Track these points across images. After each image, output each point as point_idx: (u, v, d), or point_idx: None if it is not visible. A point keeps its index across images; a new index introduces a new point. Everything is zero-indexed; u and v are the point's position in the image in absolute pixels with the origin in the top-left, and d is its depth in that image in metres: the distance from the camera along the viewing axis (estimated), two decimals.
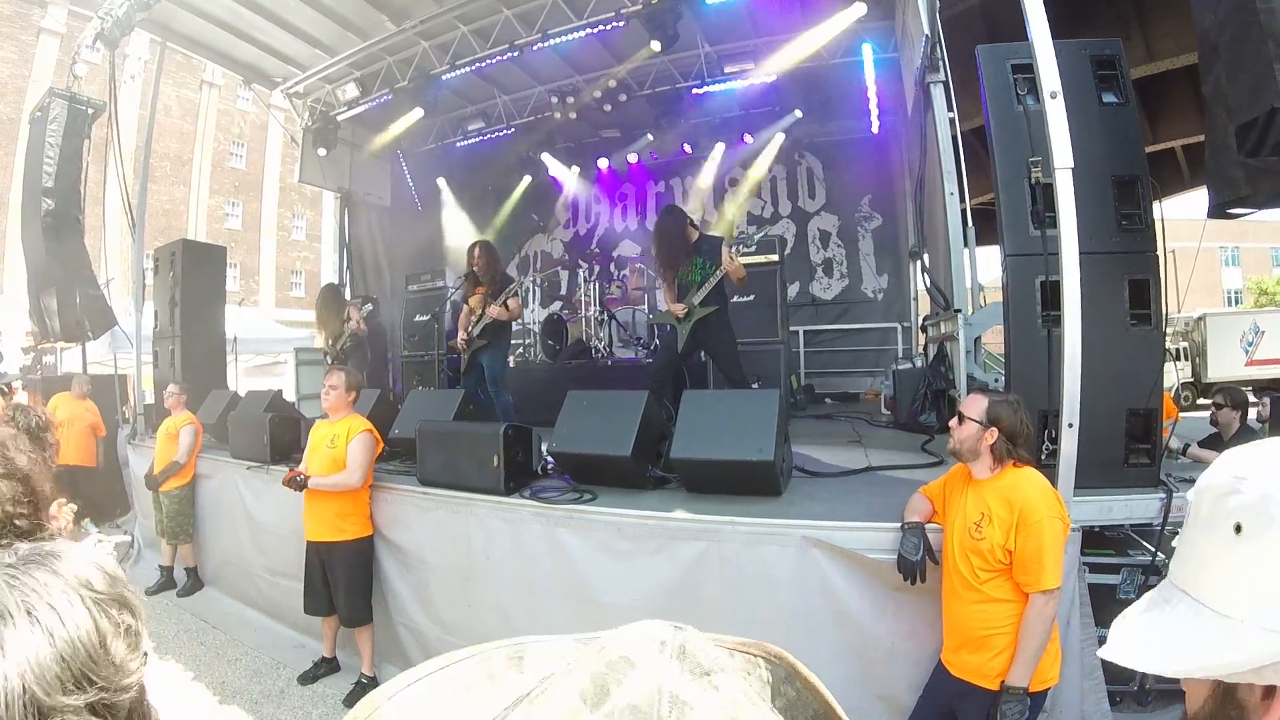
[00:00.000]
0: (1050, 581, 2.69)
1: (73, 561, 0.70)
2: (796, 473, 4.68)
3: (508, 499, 4.44)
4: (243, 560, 6.27)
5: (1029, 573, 2.71)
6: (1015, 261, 3.88)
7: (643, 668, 0.36)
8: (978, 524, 2.85)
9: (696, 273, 5.65)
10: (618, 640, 0.39)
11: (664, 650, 0.38)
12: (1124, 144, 3.85)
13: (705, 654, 0.39)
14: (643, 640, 0.39)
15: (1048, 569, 2.69)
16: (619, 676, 0.36)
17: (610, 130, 12.49)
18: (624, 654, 0.37)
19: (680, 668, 0.37)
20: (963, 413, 2.99)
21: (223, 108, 32.84)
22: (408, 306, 10.68)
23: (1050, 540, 2.71)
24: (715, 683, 0.37)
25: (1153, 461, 3.66)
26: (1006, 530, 2.76)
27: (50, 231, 8.57)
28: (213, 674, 5.15)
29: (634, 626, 0.41)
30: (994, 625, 2.81)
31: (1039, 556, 2.69)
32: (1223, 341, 22.48)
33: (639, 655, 0.37)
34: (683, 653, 0.38)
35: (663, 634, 0.39)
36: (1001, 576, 2.80)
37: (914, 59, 6.63)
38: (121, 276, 14.16)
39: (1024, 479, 2.89)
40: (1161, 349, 3.77)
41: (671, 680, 0.36)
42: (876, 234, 11.62)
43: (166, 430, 6.84)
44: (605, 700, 0.35)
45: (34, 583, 0.66)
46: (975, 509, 2.90)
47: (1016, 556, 2.74)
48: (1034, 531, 2.71)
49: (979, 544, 2.83)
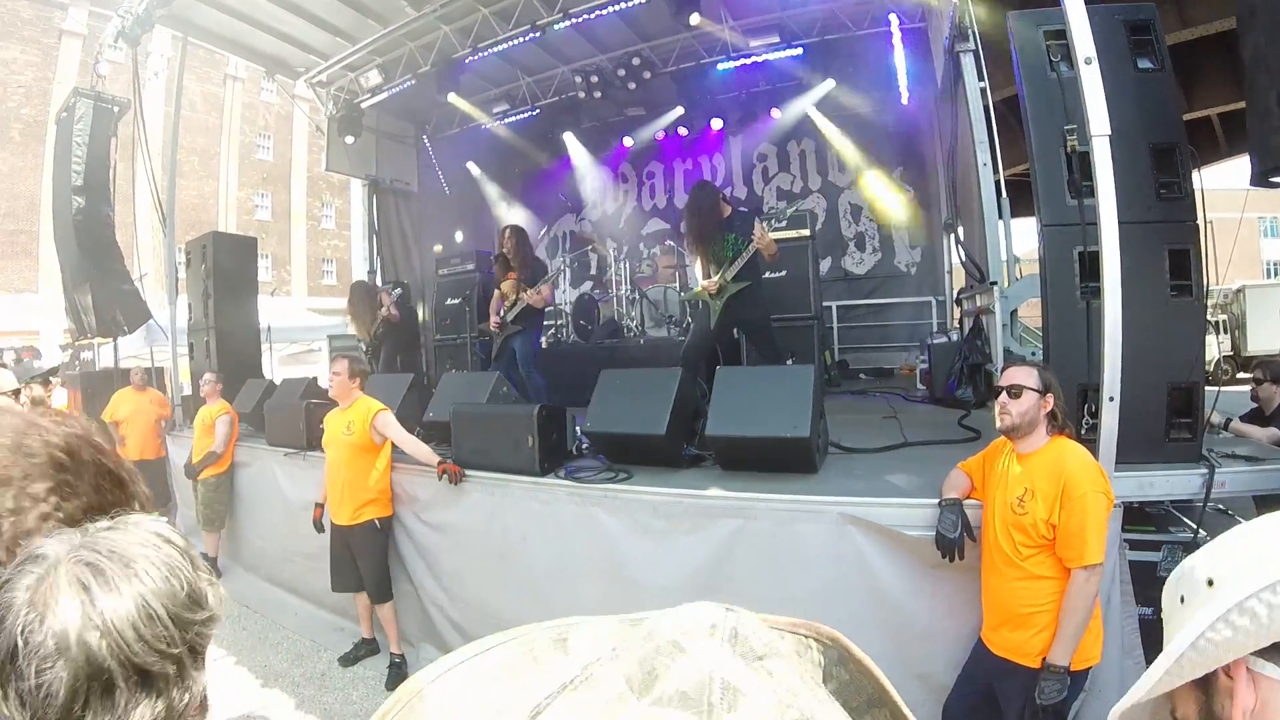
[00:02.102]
0: (1093, 557, 2.65)
1: (148, 523, 0.84)
2: (832, 449, 4.65)
3: (543, 479, 4.46)
4: (282, 546, 6.38)
5: (1071, 548, 2.68)
6: (1052, 232, 3.80)
7: (693, 653, 0.35)
8: (1020, 498, 2.81)
9: (729, 249, 5.60)
10: (667, 623, 0.38)
11: (715, 634, 0.37)
12: (1161, 111, 3.74)
13: (758, 637, 0.38)
14: (693, 624, 0.38)
15: (1090, 544, 2.65)
16: (667, 662, 0.35)
17: (635, 109, 12.42)
18: (673, 638, 0.36)
19: (732, 652, 0.36)
20: (1019, 384, 2.89)
21: (247, 100, 33.19)
22: (439, 290, 10.74)
23: (1094, 515, 2.66)
24: (770, 668, 0.36)
25: (1194, 436, 3.57)
26: (1050, 504, 2.72)
27: (82, 229, 8.71)
28: (255, 658, 5.26)
29: (684, 608, 0.40)
30: (1036, 602, 2.78)
31: (1082, 531, 2.65)
32: (1262, 314, 21.96)
33: (689, 640, 0.36)
34: (735, 637, 0.37)
35: (714, 617, 0.38)
36: (1044, 552, 2.76)
37: (942, 28, 6.52)
38: (154, 271, 14.36)
39: (1069, 452, 2.84)
40: (1203, 321, 3.67)
41: (723, 666, 0.34)
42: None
43: (202, 420, 6.96)
44: (653, 687, 0.34)
45: (136, 537, 0.80)
46: (1018, 483, 2.86)
47: (1060, 531, 2.70)
48: (1078, 506, 2.66)
49: (1021, 519, 2.79)
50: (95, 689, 0.70)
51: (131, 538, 0.80)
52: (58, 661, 0.68)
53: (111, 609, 0.72)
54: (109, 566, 0.75)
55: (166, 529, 0.84)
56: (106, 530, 0.80)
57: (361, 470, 4.94)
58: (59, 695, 0.68)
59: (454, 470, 4.72)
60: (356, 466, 4.93)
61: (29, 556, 0.75)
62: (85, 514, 1.00)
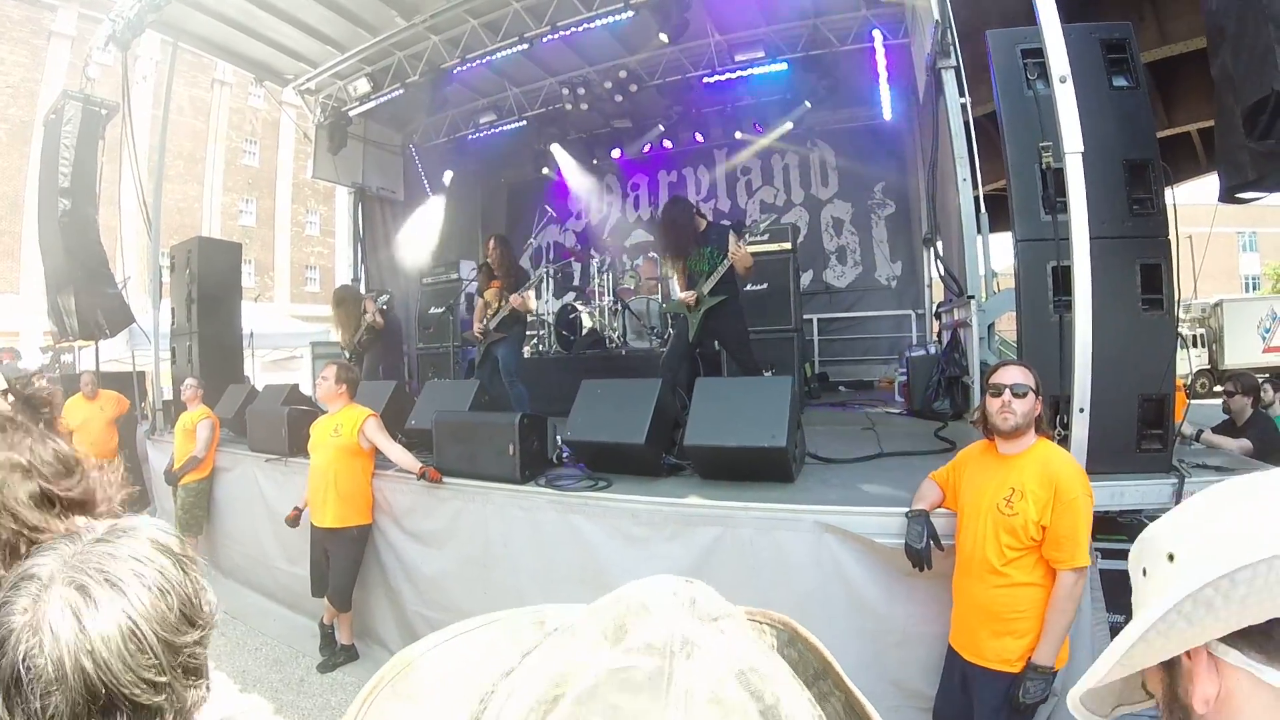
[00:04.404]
0: (1083, 559, 2.71)
1: (148, 530, 0.85)
2: (809, 459, 4.71)
3: (524, 487, 4.50)
4: (262, 552, 6.35)
5: (1063, 550, 2.72)
6: (1026, 247, 3.87)
7: (657, 613, 0.40)
8: (1008, 499, 2.82)
9: (705, 262, 5.68)
10: (634, 590, 0.43)
11: (676, 599, 0.42)
12: (1135, 128, 3.82)
13: (713, 604, 0.43)
14: (658, 591, 0.43)
15: (1081, 546, 2.70)
16: (636, 619, 0.40)
17: (622, 121, 12.48)
18: (641, 601, 0.41)
19: (691, 614, 0.41)
20: (1023, 384, 2.89)
21: (235, 105, 33.06)
22: (422, 299, 10.74)
23: (1084, 518, 2.72)
24: (722, 627, 0.41)
25: (1165, 447, 3.64)
26: (1042, 506, 2.74)
27: (67, 231, 8.64)
28: (233, 663, 5.23)
29: (650, 579, 0.44)
30: (1017, 608, 2.80)
31: (1074, 534, 2.70)
32: (1239, 328, 22.36)
33: (654, 602, 0.41)
34: (693, 602, 0.42)
35: (676, 586, 0.43)
36: (1029, 555, 2.79)
37: (924, 44, 6.60)
38: (138, 275, 14.27)
39: (1056, 454, 2.88)
40: (1174, 334, 3.75)
41: (683, 624, 0.39)
42: (890, 221, 11.55)
43: (183, 425, 6.93)
44: (624, 639, 0.39)
45: (129, 550, 0.81)
46: (1004, 484, 2.86)
47: (1050, 533, 2.73)
48: (1070, 508, 2.71)
49: (1012, 519, 2.79)
50: (94, 710, 0.72)
51: (124, 550, 0.81)
52: (59, 688, 0.71)
53: (100, 638, 0.73)
54: (98, 591, 0.76)
55: (161, 534, 0.86)
56: (99, 543, 0.81)
57: (346, 474, 4.97)
58: (65, 716, 0.71)
59: (433, 475, 4.75)
60: (341, 470, 4.96)
61: (23, 575, 0.77)
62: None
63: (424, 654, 0.48)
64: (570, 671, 0.38)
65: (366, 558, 5.18)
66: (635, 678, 0.36)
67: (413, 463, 4.89)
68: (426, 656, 0.47)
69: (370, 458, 5.10)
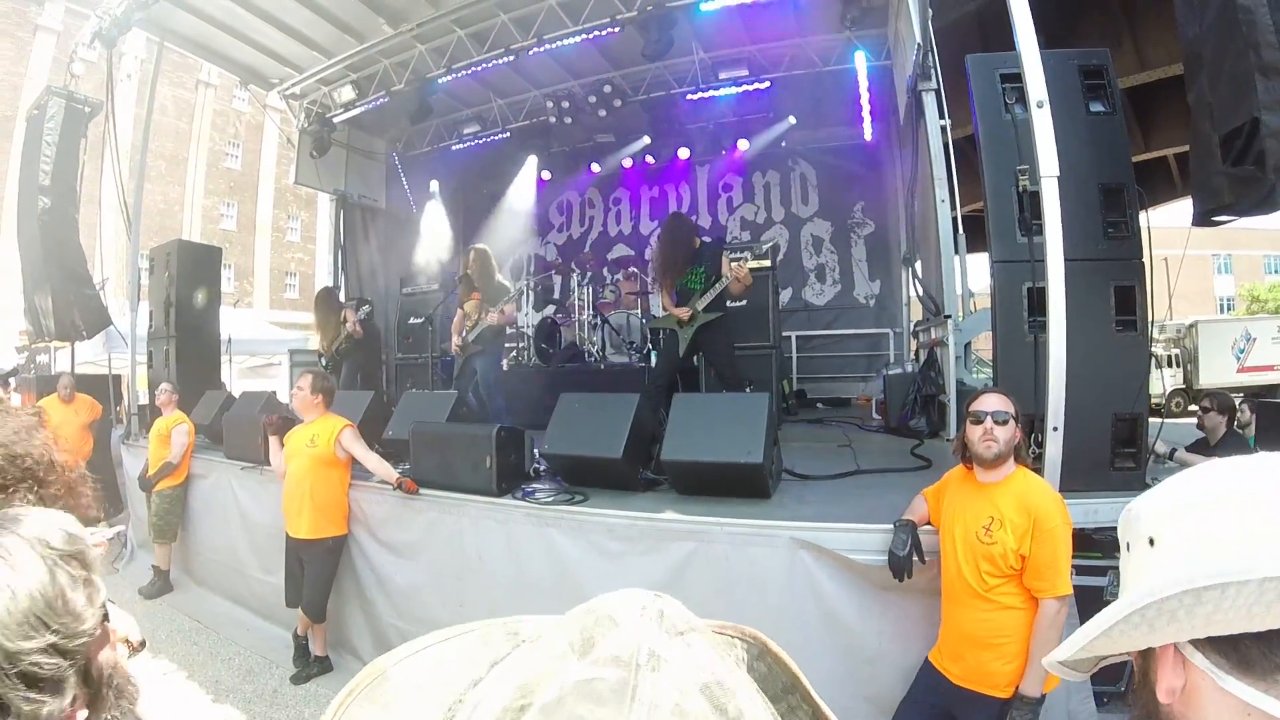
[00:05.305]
0: (1065, 588, 2.69)
1: (32, 523, 0.80)
2: (786, 476, 4.73)
3: (500, 500, 4.48)
4: (236, 560, 6.27)
5: (1044, 579, 2.70)
6: (1002, 268, 3.94)
7: (625, 626, 0.41)
8: (987, 528, 2.80)
9: (697, 280, 5.75)
10: (603, 603, 0.44)
11: (645, 613, 0.42)
12: (1111, 152, 3.90)
13: (681, 618, 0.43)
14: (626, 604, 0.43)
15: (1063, 575, 2.69)
16: (604, 632, 0.40)
17: (605, 135, 12.52)
18: (609, 614, 0.42)
19: (659, 628, 0.41)
20: (1002, 411, 2.87)
21: (219, 108, 32.85)
22: (402, 309, 10.71)
23: (1064, 547, 2.71)
24: (688, 641, 0.41)
25: (1138, 465, 3.70)
26: (1021, 535, 2.73)
27: (46, 230, 8.55)
28: (205, 673, 5.16)
29: (619, 593, 0.45)
30: (1004, 633, 2.79)
31: (1054, 563, 2.69)
32: (1214, 349, 22.66)
33: (622, 616, 0.42)
34: (661, 616, 0.42)
35: (644, 600, 0.44)
36: (1011, 582, 2.78)
37: (906, 67, 6.69)
38: (117, 276, 14.13)
39: (1034, 483, 2.87)
40: (1147, 354, 3.81)
41: (650, 637, 0.40)
42: (869, 240, 11.67)
43: (158, 431, 6.85)
44: (591, 650, 0.39)
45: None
46: (983, 512, 2.84)
47: (1031, 562, 2.72)
48: (1049, 539, 2.69)
49: (990, 548, 2.78)
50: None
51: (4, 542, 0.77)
52: None
53: None
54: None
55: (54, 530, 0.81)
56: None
57: (321, 484, 4.93)
58: None
59: (409, 485, 4.73)
60: (317, 480, 4.92)
61: None
62: None
63: (397, 663, 0.48)
64: (537, 682, 0.39)
65: (341, 568, 5.13)
66: (600, 689, 0.37)
67: (390, 472, 4.85)
68: (399, 666, 0.48)
69: (346, 468, 5.06)
